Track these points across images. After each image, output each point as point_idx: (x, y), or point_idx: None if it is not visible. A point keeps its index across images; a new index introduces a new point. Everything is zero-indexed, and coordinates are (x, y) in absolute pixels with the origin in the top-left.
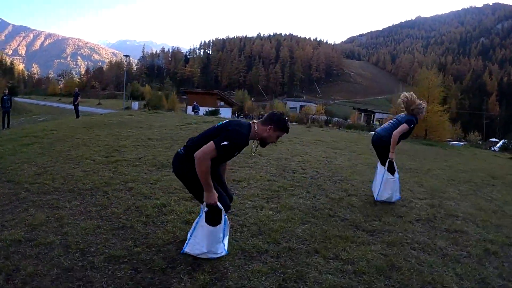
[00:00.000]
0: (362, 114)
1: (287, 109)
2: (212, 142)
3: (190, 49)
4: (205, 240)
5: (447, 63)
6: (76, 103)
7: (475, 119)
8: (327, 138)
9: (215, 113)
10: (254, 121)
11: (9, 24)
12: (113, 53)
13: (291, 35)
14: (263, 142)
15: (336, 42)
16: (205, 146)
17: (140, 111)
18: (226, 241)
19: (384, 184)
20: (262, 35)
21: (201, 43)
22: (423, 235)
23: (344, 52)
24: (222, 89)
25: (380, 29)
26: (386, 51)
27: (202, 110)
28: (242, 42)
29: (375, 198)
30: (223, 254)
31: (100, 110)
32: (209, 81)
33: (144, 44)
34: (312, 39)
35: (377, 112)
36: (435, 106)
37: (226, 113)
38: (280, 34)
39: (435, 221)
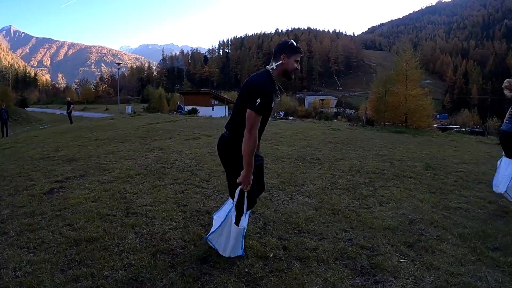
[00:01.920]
0: None
1: (305, 104)
2: (249, 110)
3: (209, 49)
4: (230, 239)
5: (470, 48)
6: (69, 111)
7: (497, 104)
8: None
9: (194, 111)
10: (267, 66)
11: (32, 37)
12: (135, 58)
13: (309, 29)
14: (287, 75)
15: (357, 33)
16: (247, 119)
17: (125, 114)
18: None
19: None
20: (280, 31)
21: (219, 42)
22: None
23: (364, 42)
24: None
25: (401, 17)
26: (407, 39)
27: (187, 109)
28: (260, 39)
29: (503, 190)
30: (240, 254)
31: (99, 115)
32: (228, 80)
33: (163, 48)
34: (331, 32)
35: None
36: (413, 90)
37: (221, 110)
38: (299, 28)
39: None
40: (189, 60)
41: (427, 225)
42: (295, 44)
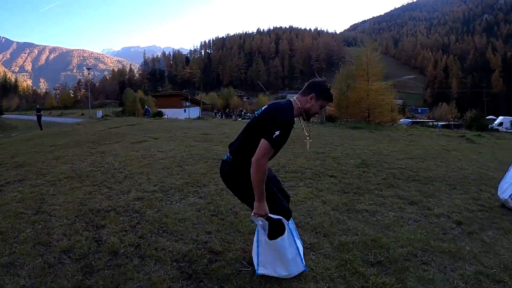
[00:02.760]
0: None
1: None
2: (264, 140)
3: (191, 50)
4: (275, 258)
5: (451, 43)
6: (38, 117)
7: (476, 97)
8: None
9: (159, 114)
10: (293, 97)
11: (13, 42)
12: (118, 61)
13: (291, 28)
14: (307, 115)
15: (338, 31)
16: (259, 148)
17: (94, 119)
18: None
19: None
20: (261, 30)
21: (201, 43)
22: None
23: (347, 40)
24: (222, 88)
25: (382, 14)
26: (389, 36)
27: (167, 112)
28: (242, 39)
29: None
30: (301, 271)
31: (72, 120)
32: (210, 80)
33: (146, 50)
34: (312, 30)
35: None
36: (375, 84)
37: (193, 112)
38: (280, 27)
39: None
40: (171, 62)
41: (308, 231)
42: (330, 92)
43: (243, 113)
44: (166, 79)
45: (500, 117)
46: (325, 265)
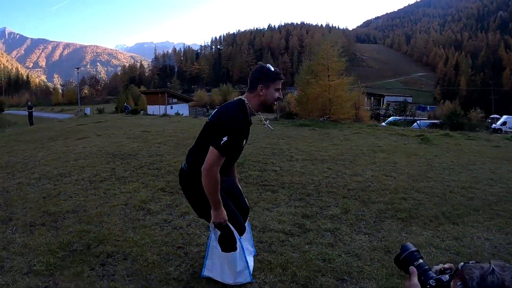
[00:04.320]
0: (372, 98)
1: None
2: (211, 148)
3: (201, 46)
4: (224, 266)
5: (464, 40)
6: (29, 113)
7: (485, 95)
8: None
9: (135, 112)
10: (240, 96)
11: (27, 38)
12: (131, 56)
13: (302, 24)
14: (268, 107)
15: (352, 27)
16: (208, 156)
17: (78, 116)
18: (251, 265)
19: None
20: (272, 26)
21: (212, 39)
22: None
23: (359, 36)
24: (233, 83)
25: (396, 10)
26: (402, 32)
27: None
28: (252, 35)
29: None
30: (247, 281)
31: (63, 116)
32: (220, 76)
33: (159, 46)
34: (324, 26)
35: (387, 95)
36: (333, 80)
37: (181, 109)
38: (292, 23)
39: None
40: (181, 58)
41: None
42: (272, 69)
43: None
44: (175, 75)
45: (504, 116)
46: None
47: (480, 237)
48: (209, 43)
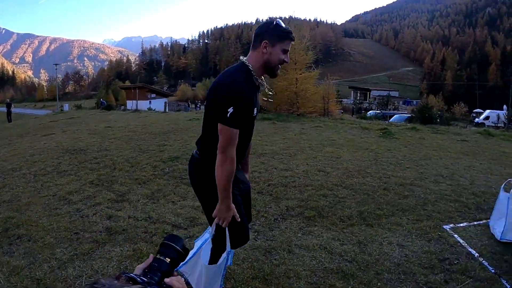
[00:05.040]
0: (358, 92)
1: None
2: (219, 125)
3: (188, 40)
4: (203, 278)
5: (451, 36)
6: (8, 110)
7: (471, 90)
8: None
9: (109, 107)
10: (242, 57)
11: (13, 33)
12: (119, 51)
13: (290, 18)
14: (270, 69)
15: (340, 22)
16: (219, 136)
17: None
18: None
19: None
20: (260, 20)
21: (199, 33)
22: None
23: (348, 31)
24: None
25: (385, 5)
26: (390, 27)
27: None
28: (240, 29)
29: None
30: None
31: (42, 113)
32: (207, 71)
33: (146, 40)
34: (312, 21)
35: (373, 90)
36: (300, 73)
37: (159, 104)
38: (280, 17)
39: None
40: (168, 52)
41: None
42: (283, 25)
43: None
44: (161, 70)
45: (487, 111)
46: None
47: (392, 243)
48: (197, 37)
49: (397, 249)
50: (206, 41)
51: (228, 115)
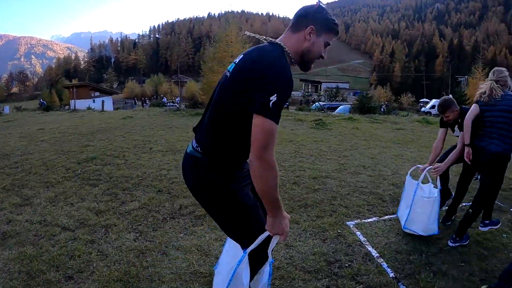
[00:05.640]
0: (310, 85)
1: None
2: (258, 117)
3: (139, 35)
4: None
5: (401, 29)
6: None
7: (418, 81)
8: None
9: (47, 109)
10: (271, 39)
11: None
12: (68, 47)
13: (242, 12)
14: (306, 62)
15: (292, 16)
16: (255, 133)
17: None
18: None
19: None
20: (212, 14)
21: (150, 28)
22: None
23: None
24: (171, 74)
25: (337, 0)
26: (341, 21)
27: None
28: (192, 23)
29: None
30: None
31: None
32: (158, 66)
33: (96, 36)
34: (264, 15)
35: (324, 82)
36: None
37: (107, 104)
38: (232, 11)
39: None
40: (118, 48)
41: None
42: (332, 17)
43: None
44: (111, 66)
45: (433, 100)
46: None
47: (279, 243)
48: (147, 32)
49: (283, 250)
50: (157, 36)
51: (270, 104)
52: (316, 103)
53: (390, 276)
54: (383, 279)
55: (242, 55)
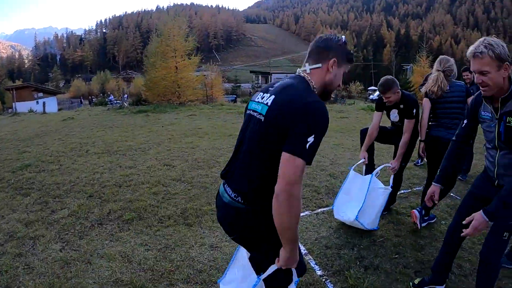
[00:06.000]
0: (260, 76)
1: None
2: (289, 156)
3: (85, 30)
4: None
5: (350, 20)
6: None
7: (367, 70)
8: None
9: None
10: (299, 71)
11: None
12: (11, 46)
13: (192, 5)
14: (327, 93)
15: (243, 8)
16: (285, 170)
17: None
18: None
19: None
20: (161, 7)
21: (97, 23)
22: None
23: (250, 17)
24: (120, 70)
25: None
26: (291, 13)
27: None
28: (140, 17)
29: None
30: None
31: None
32: (105, 62)
33: (41, 32)
34: (213, 7)
35: (274, 73)
36: (179, 61)
37: (51, 105)
38: (181, 4)
39: None
40: (64, 44)
41: None
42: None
43: (108, 99)
44: (57, 64)
45: None
46: None
47: (204, 244)
48: (94, 27)
49: (207, 251)
50: (104, 31)
51: (307, 145)
52: None
53: (318, 274)
54: (309, 278)
55: (273, 96)
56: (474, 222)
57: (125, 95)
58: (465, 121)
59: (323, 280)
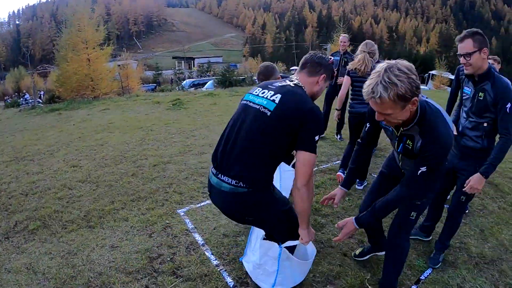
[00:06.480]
0: (183, 62)
1: None
2: (304, 153)
3: None
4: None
5: (272, 2)
6: None
7: (288, 51)
8: None
9: None
10: (291, 80)
11: None
12: None
13: None
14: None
15: None
16: (303, 165)
17: None
18: None
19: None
20: None
21: (9, 14)
22: None
23: (171, 1)
24: (36, 64)
25: None
26: None
27: None
28: (55, 6)
29: None
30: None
31: None
32: (20, 57)
33: None
34: None
35: (197, 58)
36: (92, 52)
37: None
38: None
39: None
40: None
41: None
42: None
43: (24, 99)
44: None
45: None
46: None
47: (105, 246)
48: (6, 19)
49: (108, 252)
50: (17, 22)
51: (316, 142)
52: (187, 80)
53: (214, 264)
54: (204, 269)
55: (279, 95)
56: (344, 229)
57: (41, 92)
58: (367, 125)
59: (219, 269)
